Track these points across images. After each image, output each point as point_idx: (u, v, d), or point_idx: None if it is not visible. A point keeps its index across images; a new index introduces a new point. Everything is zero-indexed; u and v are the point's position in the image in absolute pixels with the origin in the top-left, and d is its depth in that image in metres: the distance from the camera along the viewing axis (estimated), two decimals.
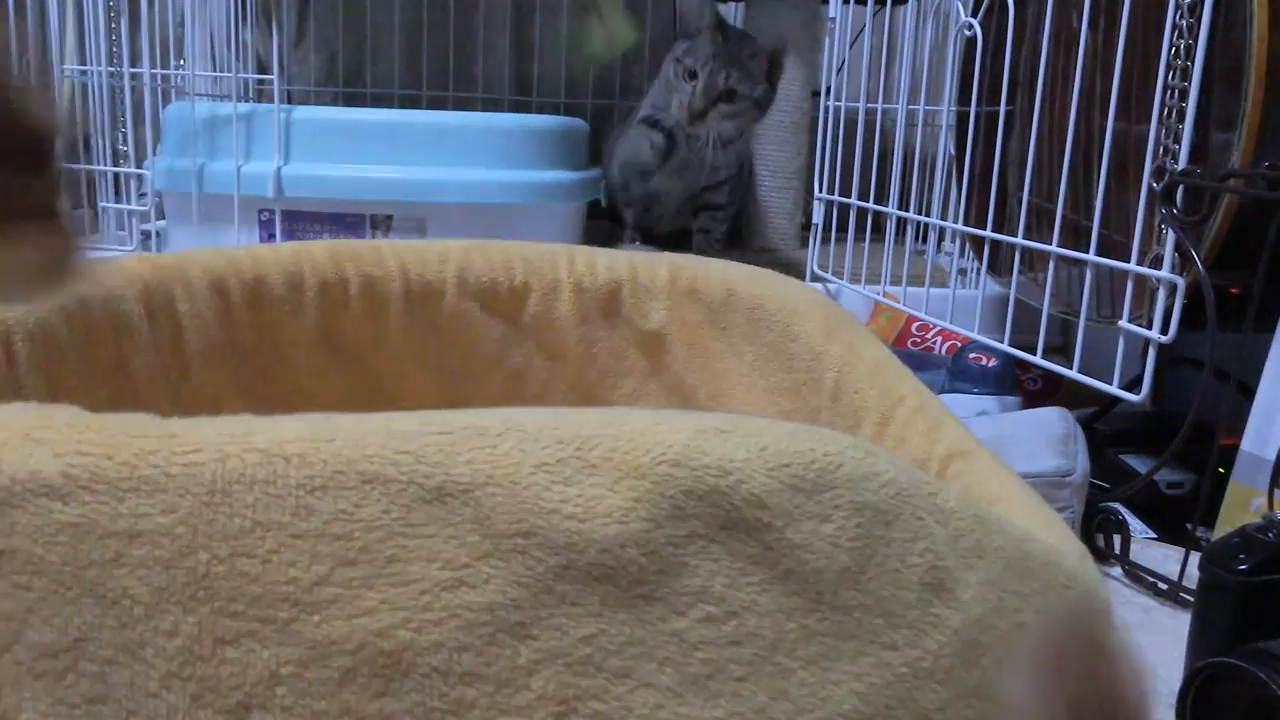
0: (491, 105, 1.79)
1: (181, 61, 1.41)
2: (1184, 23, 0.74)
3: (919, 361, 1.05)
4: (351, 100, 1.77)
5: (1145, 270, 0.76)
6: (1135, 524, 0.86)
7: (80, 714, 0.32)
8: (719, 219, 1.42)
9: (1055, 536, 0.43)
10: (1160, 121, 0.76)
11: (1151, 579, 0.74)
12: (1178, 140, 0.74)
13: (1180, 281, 0.74)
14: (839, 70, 1.23)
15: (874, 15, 1.55)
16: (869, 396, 0.65)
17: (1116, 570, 0.77)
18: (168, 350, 0.69)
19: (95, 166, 1.28)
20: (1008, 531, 0.39)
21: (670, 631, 0.33)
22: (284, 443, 0.32)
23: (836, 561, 0.34)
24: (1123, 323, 0.78)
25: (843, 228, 1.23)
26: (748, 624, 0.33)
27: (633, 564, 0.33)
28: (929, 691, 0.35)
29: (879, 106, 1.25)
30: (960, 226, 1.06)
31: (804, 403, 0.72)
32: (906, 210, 1.11)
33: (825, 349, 0.70)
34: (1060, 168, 0.87)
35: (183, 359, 0.70)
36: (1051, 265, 0.89)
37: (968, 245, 1.13)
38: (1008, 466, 0.52)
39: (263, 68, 1.61)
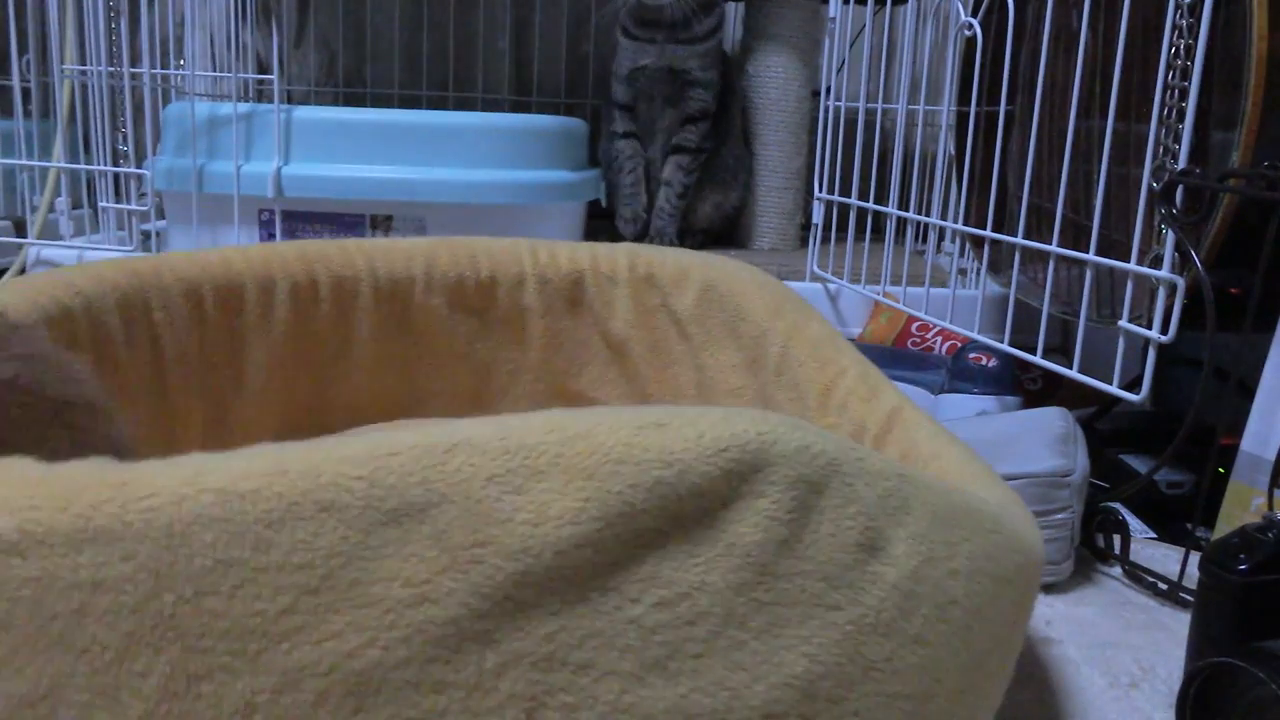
0: (491, 105, 1.79)
1: (181, 62, 1.41)
2: (1184, 23, 0.74)
3: (919, 361, 1.05)
4: (351, 100, 1.77)
5: (1145, 270, 0.76)
6: (1135, 524, 0.86)
7: None
8: (685, 167, 1.42)
9: (985, 487, 0.45)
10: (1160, 121, 0.76)
11: (1151, 579, 0.74)
12: (1178, 140, 0.74)
13: (1180, 281, 0.74)
14: (839, 70, 1.23)
15: (874, 15, 1.55)
16: (810, 369, 0.68)
17: (1116, 570, 0.77)
18: (146, 356, 0.70)
19: (95, 166, 1.28)
20: (933, 486, 0.41)
21: (627, 619, 0.34)
22: (238, 480, 0.32)
23: (776, 534, 0.36)
24: (1123, 323, 0.78)
25: (843, 228, 1.23)
26: (699, 603, 0.35)
27: (587, 562, 0.34)
28: (874, 644, 0.37)
29: (879, 106, 1.25)
30: (960, 226, 1.06)
31: (754, 378, 0.75)
32: (906, 210, 1.11)
33: (771, 325, 0.73)
34: (1060, 168, 0.87)
35: (160, 366, 0.72)
36: (1051, 265, 0.89)
37: (968, 245, 1.13)
38: (943, 427, 0.53)
39: (263, 68, 1.61)
